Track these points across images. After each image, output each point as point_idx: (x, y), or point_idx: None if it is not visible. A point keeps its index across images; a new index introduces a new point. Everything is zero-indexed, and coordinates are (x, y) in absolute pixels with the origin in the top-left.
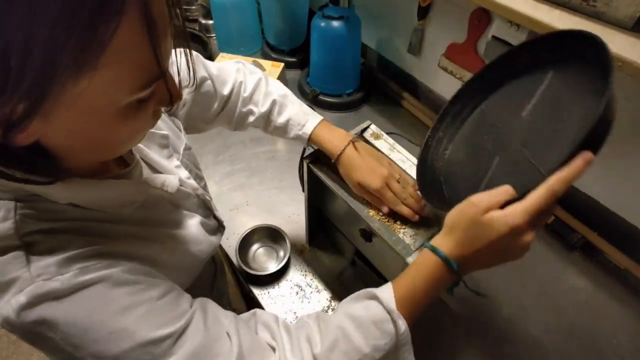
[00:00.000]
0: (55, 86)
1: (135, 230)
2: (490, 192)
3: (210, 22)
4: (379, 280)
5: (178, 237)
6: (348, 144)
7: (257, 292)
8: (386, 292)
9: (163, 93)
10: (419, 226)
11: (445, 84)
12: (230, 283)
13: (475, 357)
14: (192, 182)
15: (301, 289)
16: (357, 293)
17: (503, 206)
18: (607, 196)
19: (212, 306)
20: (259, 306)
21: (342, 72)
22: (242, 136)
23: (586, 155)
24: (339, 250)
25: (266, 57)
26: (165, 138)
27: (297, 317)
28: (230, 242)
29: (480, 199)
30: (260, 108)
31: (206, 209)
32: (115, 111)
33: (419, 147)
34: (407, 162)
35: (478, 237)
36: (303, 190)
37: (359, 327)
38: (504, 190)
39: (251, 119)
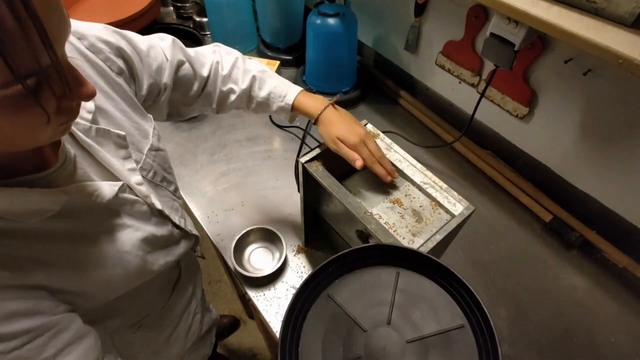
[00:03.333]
0: None
1: (37, 249)
2: None
3: (205, 19)
4: None
5: (98, 255)
6: (327, 105)
7: (253, 294)
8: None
9: (53, 90)
10: (414, 228)
11: (443, 82)
12: (226, 283)
13: None
14: (142, 188)
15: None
16: None
17: None
18: (605, 194)
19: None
20: (255, 308)
21: (339, 70)
22: (238, 135)
23: None
24: (336, 251)
25: (262, 55)
26: (122, 138)
27: None
28: (225, 244)
29: None
30: (240, 85)
31: (161, 217)
32: None
33: (415, 145)
34: (405, 161)
35: None
36: (299, 191)
37: None
38: None
39: (232, 97)
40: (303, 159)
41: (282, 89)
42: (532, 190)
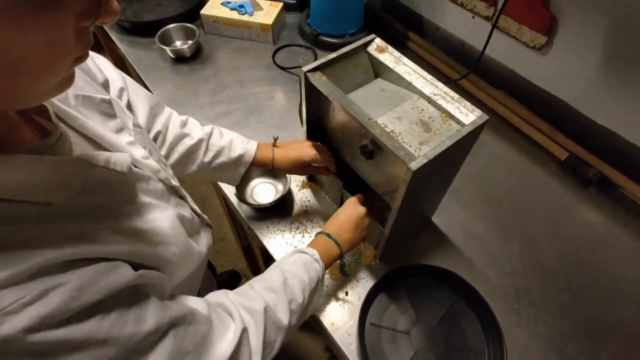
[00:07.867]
0: None
1: (76, 230)
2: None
3: None
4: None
5: (138, 234)
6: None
7: (256, 228)
8: (309, 249)
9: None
10: (422, 137)
11: (455, 19)
12: (230, 242)
13: (486, 289)
14: (151, 162)
15: (302, 224)
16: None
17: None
18: (628, 128)
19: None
20: (258, 239)
21: (345, 11)
22: (239, 77)
23: None
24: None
25: None
26: (108, 103)
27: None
28: None
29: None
30: (197, 132)
31: (178, 197)
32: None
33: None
34: (414, 74)
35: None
36: (302, 125)
37: (299, 266)
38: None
39: (188, 141)
40: (305, 69)
41: (242, 138)
42: (547, 129)
